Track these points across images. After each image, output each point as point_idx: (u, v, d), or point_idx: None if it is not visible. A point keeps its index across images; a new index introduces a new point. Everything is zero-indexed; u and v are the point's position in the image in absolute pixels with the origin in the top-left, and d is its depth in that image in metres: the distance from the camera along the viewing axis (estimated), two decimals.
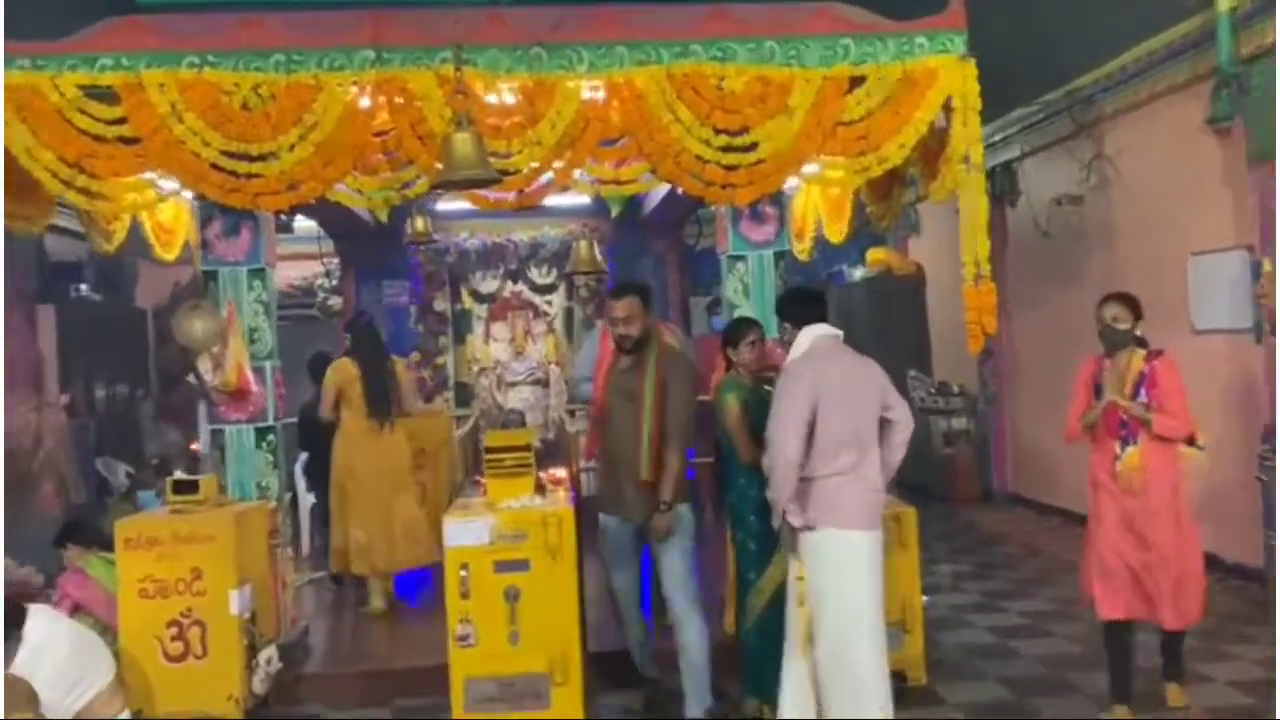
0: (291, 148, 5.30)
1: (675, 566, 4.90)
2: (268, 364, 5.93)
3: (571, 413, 9.02)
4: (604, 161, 5.70)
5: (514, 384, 10.89)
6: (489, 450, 5.10)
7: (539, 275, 10.70)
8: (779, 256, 6.20)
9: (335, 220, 8.78)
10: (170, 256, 7.10)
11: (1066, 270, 9.21)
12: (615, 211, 6.30)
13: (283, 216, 6.77)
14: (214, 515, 5.23)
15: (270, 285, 5.98)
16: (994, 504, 10.67)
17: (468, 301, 10.75)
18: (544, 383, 10.88)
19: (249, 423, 5.86)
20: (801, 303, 4.70)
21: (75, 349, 10.18)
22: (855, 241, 10.08)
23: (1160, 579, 4.82)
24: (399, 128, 5.36)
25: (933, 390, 11.49)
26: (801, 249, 7.88)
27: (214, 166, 5.30)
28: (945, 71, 5.63)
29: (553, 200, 6.69)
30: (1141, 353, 4.95)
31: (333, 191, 5.51)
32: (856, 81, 5.66)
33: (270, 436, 5.92)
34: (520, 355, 10.90)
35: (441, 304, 10.58)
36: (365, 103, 5.41)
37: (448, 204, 9.52)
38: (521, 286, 10.79)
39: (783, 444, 4.30)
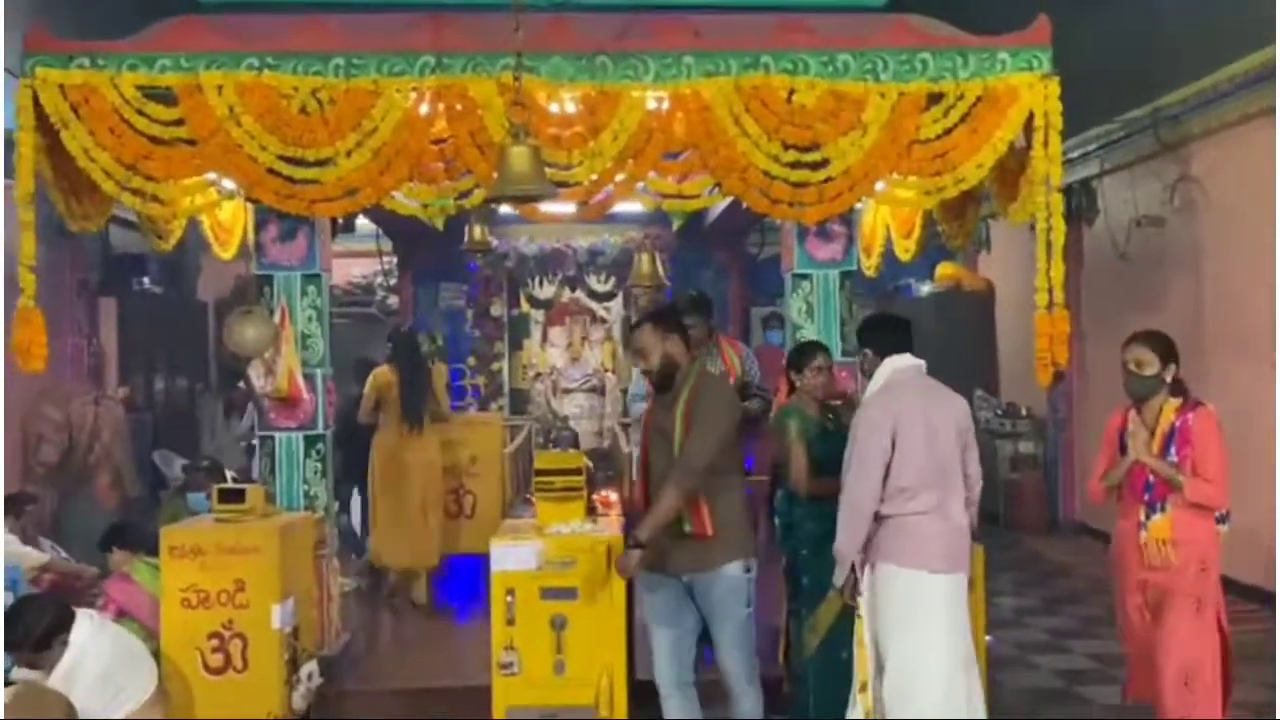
0: (349, 154, 5.18)
1: (732, 635, 4.37)
2: (319, 371, 5.82)
3: (625, 426, 8.85)
4: (667, 175, 5.51)
5: (569, 390, 10.74)
6: (539, 472, 4.95)
7: (597, 282, 10.55)
8: (845, 276, 5.97)
9: (393, 221, 8.70)
10: (228, 255, 7.05)
11: (1144, 294, 8.87)
12: (677, 225, 6.10)
13: (339, 220, 6.67)
14: (259, 526, 5.15)
15: (324, 291, 5.88)
16: (1060, 533, 10.32)
17: (525, 307, 10.64)
18: (599, 390, 10.72)
19: (298, 430, 5.77)
20: (885, 329, 4.43)
21: (136, 342, 10.25)
22: (924, 255, 9.80)
23: (1164, 665, 4.26)
24: (458, 136, 5.22)
25: (1000, 412, 11.17)
26: (869, 265, 7.65)
27: (270, 171, 5.20)
28: (1027, 89, 5.36)
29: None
30: (1175, 403, 4.30)
31: (389, 199, 5.38)
32: (934, 98, 5.40)
33: (319, 445, 5.82)
34: (576, 361, 10.74)
35: (498, 309, 10.47)
36: (424, 109, 5.28)
37: (508, 208, 9.39)
38: (580, 293, 10.65)
39: (858, 493, 4.07)
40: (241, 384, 7.50)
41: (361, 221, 9.69)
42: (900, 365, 4.26)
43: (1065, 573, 8.78)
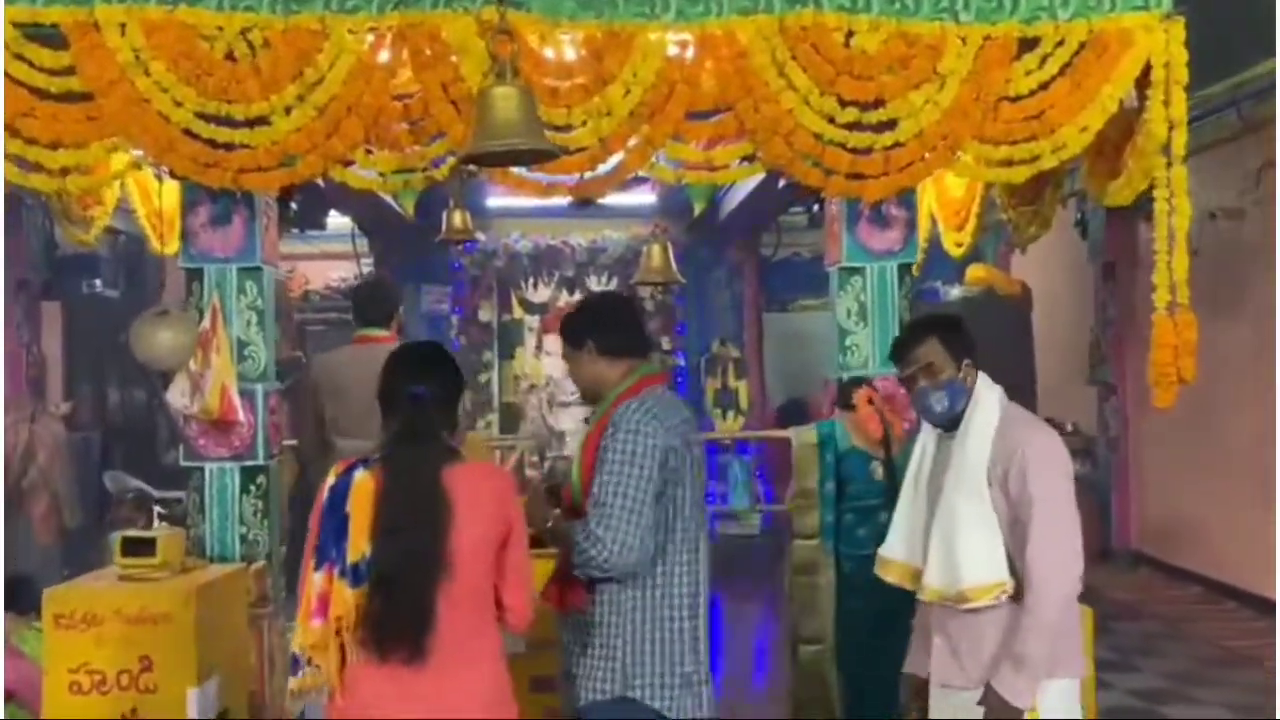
0: (288, 110, 4.15)
1: None
2: (259, 387, 4.72)
3: None
4: (691, 140, 4.46)
5: (567, 404, 9.84)
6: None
7: (599, 283, 9.56)
8: (904, 270, 4.92)
9: (365, 213, 7.65)
10: (169, 250, 5.98)
11: (1217, 295, 7.88)
12: (699, 207, 5.04)
13: (292, 206, 5.62)
14: (171, 587, 4.04)
15: (268, 289, 4.79)
16: (1115, 564, 9.35)
17: (517, 311, 9.68)
18: None
19: (233, 460, 4.67)
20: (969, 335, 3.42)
21: (85, 351, 9.32)
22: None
23: None
24: (426, 88, 4.18)
25: None
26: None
27: (187, 133, 4.16)
28: (1143, 33, 4.35)
29: (614, 199, 5.52)
30: None
31: (339, 170, 4.31)
32: (1027, 44, 4.39)
33: (260, 478, 4.72)
34: None
35: (487, 314, 9.51)
36: (384, 55, 4.26)
37: (497, 199, 8.36)
38: (579, 295, 9.66)
39: (1076, 570, 2.95)
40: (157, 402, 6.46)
41: (335, 219, 8.77)
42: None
43: (1131, 614, 7.73)
